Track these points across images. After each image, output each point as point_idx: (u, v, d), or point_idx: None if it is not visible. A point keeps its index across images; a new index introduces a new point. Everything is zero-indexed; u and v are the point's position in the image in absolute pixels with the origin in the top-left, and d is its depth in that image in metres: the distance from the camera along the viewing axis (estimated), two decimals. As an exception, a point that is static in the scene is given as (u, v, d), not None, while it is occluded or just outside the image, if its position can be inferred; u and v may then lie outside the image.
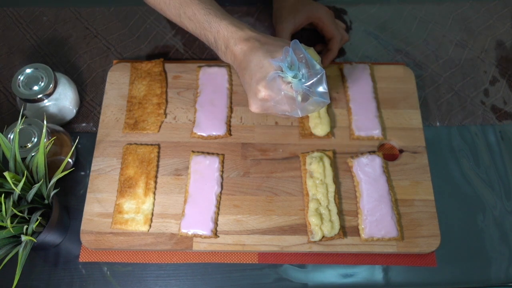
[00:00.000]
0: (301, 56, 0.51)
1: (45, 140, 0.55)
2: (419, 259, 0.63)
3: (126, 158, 0.66)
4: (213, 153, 0.68)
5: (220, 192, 0.65)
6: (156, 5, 0.63)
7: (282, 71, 0.51)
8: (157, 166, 0.66)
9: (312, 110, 0.54)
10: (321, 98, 0.51)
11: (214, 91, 0.72)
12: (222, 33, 0.57)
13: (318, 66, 0.51)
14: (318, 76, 0.50)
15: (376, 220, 0.62)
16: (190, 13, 0.59)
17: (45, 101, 0.66)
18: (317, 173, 0.64)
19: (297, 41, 0.51)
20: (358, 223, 0.63)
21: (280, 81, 0.51)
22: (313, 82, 0.50)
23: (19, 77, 0.65)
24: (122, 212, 0.63)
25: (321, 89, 0.51)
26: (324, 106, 0.55)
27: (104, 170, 0.66)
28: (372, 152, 0.67)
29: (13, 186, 0.52)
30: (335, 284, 0.62)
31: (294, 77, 0.51)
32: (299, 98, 0.52)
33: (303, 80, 0.51)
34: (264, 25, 0.81)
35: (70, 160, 0.67)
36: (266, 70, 0.52)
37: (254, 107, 0.56)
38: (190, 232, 0.61)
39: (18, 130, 0.55)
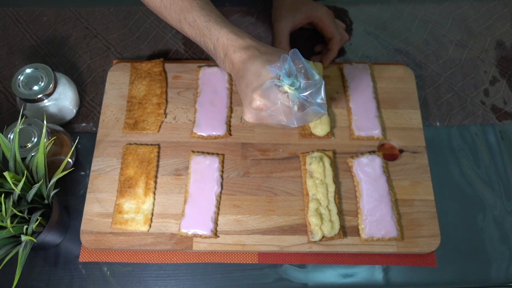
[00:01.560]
0: (300, 66, 0.50)
1: (45, 140, 0.55)
2: (419, 259, 0.63)
3: (126, 158, 0.66)
4: (213, 153, 0.68)
5: (220, 192, 0.65)
6: (156, 9, 0.62)
7: (279, 79, 0.49)
8: (157, 166, 0.66)
9: (309, 120, 0.52)
10: (319, 108, 0.49)
11: (214, 91, 0.72)
12: (221, 40, 0.56)
13: (317, 76, 0.49)
14: (317, 86, 0.49)
15: (376, 220, 0.62)
16: (190, 19, 0.58)
17: (45, 101, 0.66)
18: (317, 173, 0.64)
19: (297, 50, 0.50)
20: (358, 223, 0.63)
21: (276, 90, 0.49)
22: (311, 92, 0.49)
23: (19, 77, 0.65)
24: (122, 212, 0.63)
25: (319, 100, 0.49)
26: (321, 117, 0.53)
27: (104, 170, 0.66)
28: (372, 152, 0.67)
29: (13, 186, 0.52)
30: (335, 284, 0.62)
31: (291, 85, 0.49)
32: (296, 108, 0.50)
33: (300, 90, 0.49)
34: (264, 25, 0.81)
35: (70, 160, 0.67)
36: (263, 79, 0.51)
37: (249, 116, 0.54)
38: (190, 232, 0.61)
39: (18, 130, 0.55)
